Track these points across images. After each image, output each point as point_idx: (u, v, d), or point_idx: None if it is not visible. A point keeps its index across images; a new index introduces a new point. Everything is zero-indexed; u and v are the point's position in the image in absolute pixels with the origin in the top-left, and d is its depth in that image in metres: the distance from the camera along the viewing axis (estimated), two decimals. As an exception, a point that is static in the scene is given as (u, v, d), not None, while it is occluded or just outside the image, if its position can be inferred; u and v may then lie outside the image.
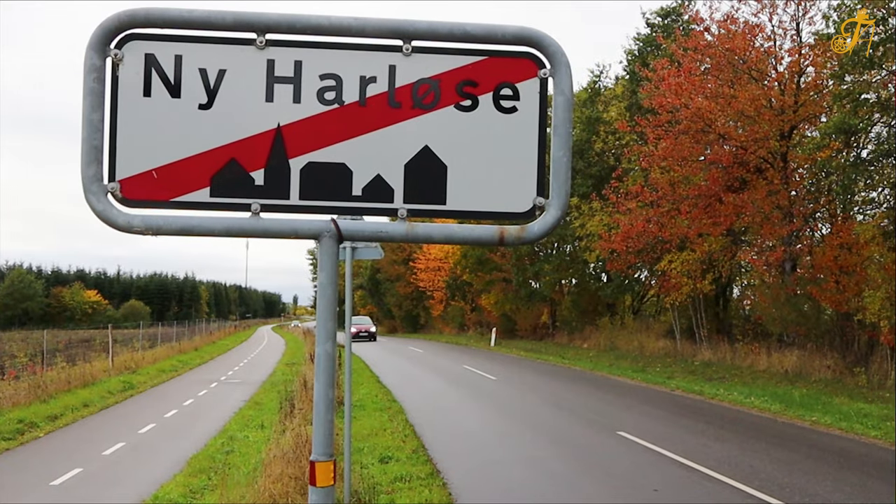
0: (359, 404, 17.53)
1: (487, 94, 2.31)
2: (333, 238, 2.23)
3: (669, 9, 32.44)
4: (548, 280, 42.75)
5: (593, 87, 38.98)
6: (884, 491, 9.35)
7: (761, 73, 23.61)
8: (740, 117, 23.14)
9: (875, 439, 12.84)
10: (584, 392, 20.31)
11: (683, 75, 23.74)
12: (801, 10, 23.41)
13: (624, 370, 25.99)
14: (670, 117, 24.48)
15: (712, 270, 27.44)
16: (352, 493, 8.55)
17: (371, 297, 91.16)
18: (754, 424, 14.66)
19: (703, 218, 24.87)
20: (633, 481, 10.06)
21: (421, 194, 2.30)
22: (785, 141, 23.66)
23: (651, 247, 27.76)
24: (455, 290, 60.93)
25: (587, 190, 34.43)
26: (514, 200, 2.32)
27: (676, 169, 25.91)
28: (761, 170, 24.11)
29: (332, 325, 2.20)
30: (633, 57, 33.51)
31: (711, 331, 29.97)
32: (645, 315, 40.67)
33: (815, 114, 23.52)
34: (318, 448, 2.19)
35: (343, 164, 2.27)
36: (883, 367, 19.72)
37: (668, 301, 30.01)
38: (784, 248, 23.87)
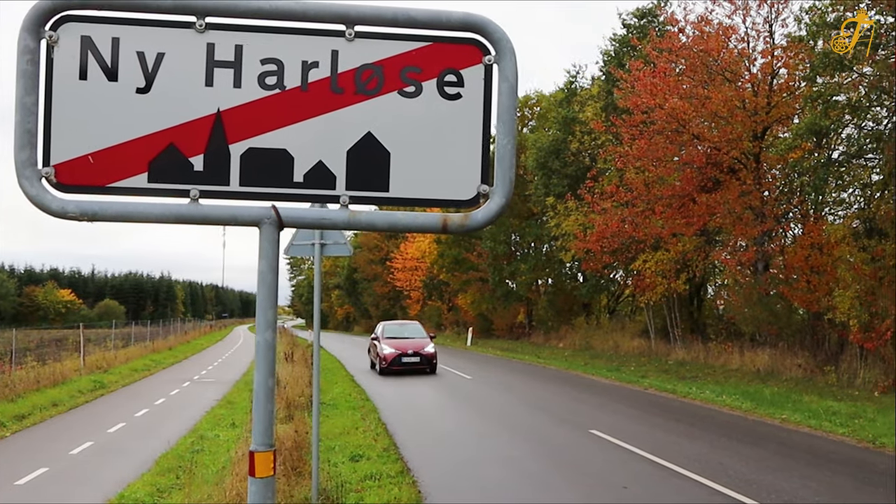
0: (331, 403, 17.47)
1: (431, 81, 2.29)
2: (274, 225, 2.19)
3: (645, 10, 32.59)
4: (524, 280, 42.84)
5: (570, 87, 39.08)
6: (849, 486, 9.44)
7: (735, 74, 23.80)
8: (714, 118, 23.31)
9: (843, 437, 12.95)
10: (559, 391, 20.36)
11: (658, 76, 23.86)
12: (774, 12, 23.62)
13: (598, 369, 26.09)
14: (645, 118, 24.60)
15: (686, 270, 27.61)
16: (320, 492, 8.50)
17: (348, 297, 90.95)
18: (725, 422, 14.76)
19: (677, 218, 25.03)
20: (604, 479, 10.08)
21: (364, 181, 2.27)
22: (758, 142, 23.86)
23: (626, 246, 27.89)
24: (432, 290, 60.92)
25: (563, 190, 34.51)
26: (458, 188, 2.30)
27: (651, 169, 26.05)
28: (734, 170, 24.29)
29: (272, 314, 2.17)
30: (609, 58, 33.65)
31: (685, 330, 30.17)
32: (620, 315, 40.87)
33: (788, 115, 23.73)
34: (258, 438, 2.16)
35: (284, 149, 2.24)
36: (852, 365, 19.94)
37: (643, 301, 30.18)
38: (756, 249, 24.07)
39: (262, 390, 2.16)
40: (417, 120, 2.28)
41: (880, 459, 11.20)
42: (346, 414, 15.85)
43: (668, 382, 21.37)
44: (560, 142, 36.18)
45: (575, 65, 63.04)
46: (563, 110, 37.49)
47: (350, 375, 24.83)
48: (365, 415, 15.69)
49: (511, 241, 45.08)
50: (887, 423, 13.80)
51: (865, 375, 19.02)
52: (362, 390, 20.31)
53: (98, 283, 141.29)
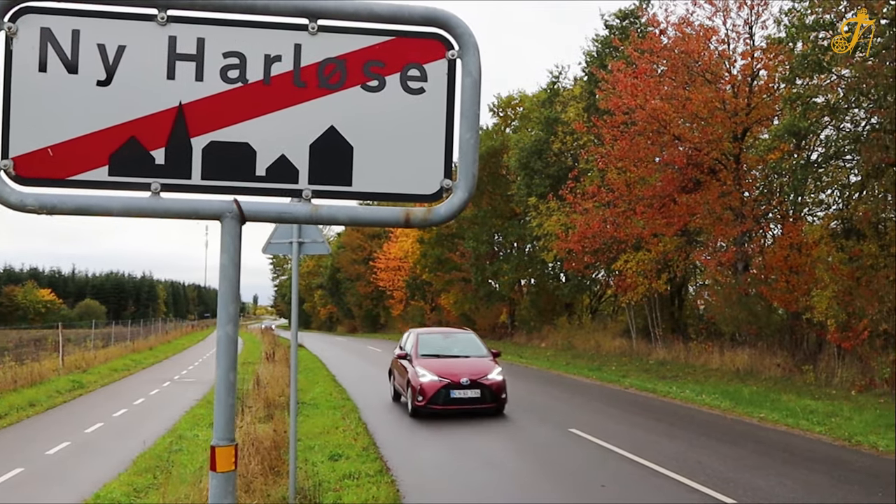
0: (312, 403, 17.43)
1: (395, 75, 2.29)
2: (236, 219, 2.19)
3: (628, 11, 32.73)
4: (506, 280, 42.91)
5: (552, 87, 39.18)
6: (825, 484, 9.52)
7: (715, 75, 23.93)
8: (694, 119, 23.44)
9: (820, 435, 13.06)
10: (539, 390, 20.39)
11: (639, 76, 23.96)
12: (754, 14, 23.79)
13: (580, 369, 26.16)
14: (626, 118, 24.70)
15: (667, 270, 27.74)
16: (297, 491, 8.48)
17: (331, 297, 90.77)
18: (704, 421, 14.85)
19: (658, 218, 25.14)
20: (582, 477, 10.12)
21: (326, 175, 2.26)
22: (738, 143, 24.01)
23: (607, 247, 27.99)
24: (415, 290, 60.88)
25: (545, 190, 34.58)
26: (421, 182, 2.30)
27: (632, 170, 26.15)
28: (715, 171, 24.44)
29: (233, 308, 2.16)
30: (591, 58, 33.75)
31: (667, 330, 30.31)
32: (603, 315, 41.02)
33: (768, 116, 23.90)
34: (219, 432, 2.15)
35: (246, 143, 2.23)
36: (830, 364, 20.10)
37: (624, 301, 30.28)
38: (735, 249, 24.23)
39: (224, 384, 2.15)
40: (380, 114, 2.28)
41: (856, 457, 11.30)
42: (326, 413, 15.81)
43: (648, 382, 21.46)
44: (542, 142, 36.26)
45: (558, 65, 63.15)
46: (545, 111, 37.59)
47: (332, 375, 24.79)
48: (345, 414, 15.66)
49: (494, 241, 45.13)
50: (863, 421, 13.94)
51: (843, 375, 19.18)
52: (343, 390, 20.28)
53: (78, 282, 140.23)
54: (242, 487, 8.35)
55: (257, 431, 11.06)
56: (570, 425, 14.00)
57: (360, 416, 15.38)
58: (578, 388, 20.97)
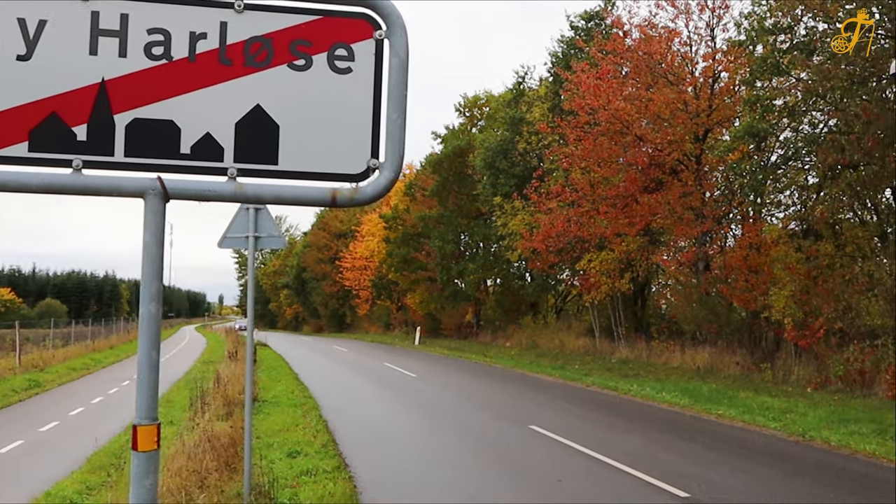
0: (273, 401, 17.32)
1: (322, 54, 2.28)
2: (159, 196, 2.17)
3: (593, 13, 32.96)
4: (472, 279, 42.98)
5: (518, 88, 39.33)
6: (776, 477, 9.67)
7: (678, 77, 24.20)
8: (656, 119, 23.68)
9: (775, 431, 13.26)
10: (502, 388, 20.47)
11: (602, 77, 24.15)
12: (716, 17, 24.09)
13: (543, 367, 26.29)
14: (590, 119, 24.88)
15: (630, 270, 27.99)
16: (252, 487, 8.42)
17: (297, 297, 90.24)
18: (663, 418, 15.01)
19: (621, 218, 25.36)
20: (539, 472, 10.17)
21: (252, 154, 2.25)
22: (699, 144, 24.30)
23: (571, 246, 28.17)
24: (381, 290, 60.76)
25: (510, 189, 34.69)
26: (347, 161, 2.30)
27: (596, 170, 26.34)
28: (677, 171, 24.71)
29: (156, 286, 2.14)
30: (556, 59, 33.94)
31: (629, 329, 30.58)
32: (567, 314, 41.26)
33: (728, 118, 24.22)
34: (142, 411, 2.13)
35: (171, 121, 2.21)
36: (787, 363, 20.44)
37: (588, 300, 30.51)
38: (695, 248, 24.52)
39: (146, 363, 2.13)
40: (307, 93, 2.27)
41: (809, 452, 11.51)
42: (286, 411, 15.71)
43: (610, 380, 21.63)
44: (508, 142, 36.39)
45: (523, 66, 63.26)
46: (511, 111, 37.73)
47: (295, 374, 24.64)
48: (306, 412, 15.57)
49: (460, 241, 45.18)
50: (817, 417, 14.19)
51: (799, 372, 19.51)
52: (305, 388, 20.16)
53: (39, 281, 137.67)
54: (196, 483, 8.27)
55: (215, 429, 10.97)
56: (530, 422, 14.05)
57: (321, 414, 15.30)
58: (541, 386, 21.08)
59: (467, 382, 22.18)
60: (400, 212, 51.47)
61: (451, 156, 43.81)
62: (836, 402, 16.10)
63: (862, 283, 19.23)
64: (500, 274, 43.05)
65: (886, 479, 9.72)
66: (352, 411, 16.19)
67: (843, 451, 11.49)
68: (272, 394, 18.60)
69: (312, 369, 26.89)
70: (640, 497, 8.81)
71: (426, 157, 50.11)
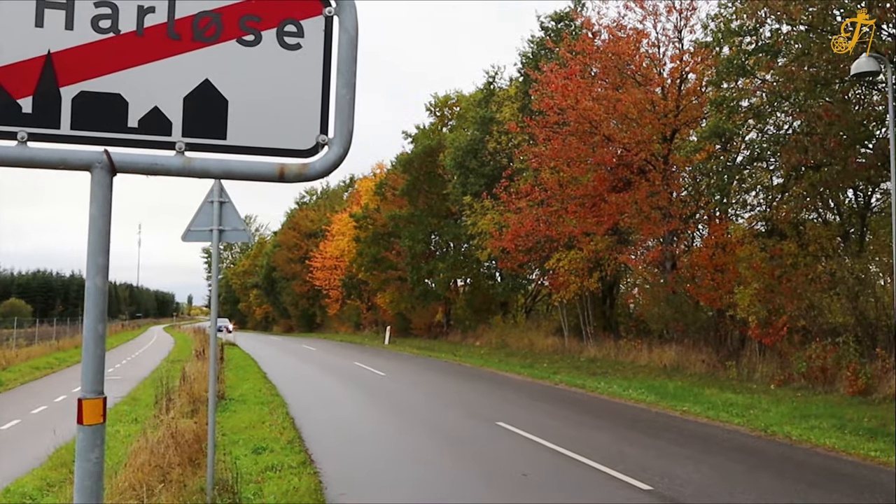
0: (240, 399, 17.22)
1: (271, 30, 2.28)
2: (106, 169, 2.16)
3: (562, 14, 33.15)
4: (442, 279, 43.00)
5: (488, 87, 39.43)
6: (738, 470, 9.81)
7: (646, 77, 24.42)
8: (624, 119, 23.88)
9: (738, 426, 13.44)
10: (471, 387, 20.52)
11: (570, 77, 24.29)
12: (683, 18, 24.35)
13: (512, 366, 26.39)
14: (559, 118, 25.02)
15: (599, 269, 28.18)
16: (216, 482, 8.36)
17: (267, 297, 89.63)
18: (629, 415, 15.15)
19: (589, 217, 25.54)
20: (505, 467, 10.22)
21: (201, 128, 2.25)
22: (667, 144, 24.54)
23: (540, 245, 28.31)
24: (351, 289, 60.59)
25: (479, 189, 34.76)
26: (296, 137, 2.30)
27: (565, 169, 26.50)
28: (644, 171, 24.93)
29: (102, 260, 2.13)
30: (526, 59, 34.09)
31: (598, 328, 30.79)
32: (537, 314, 41.43)
33: (695, 118, 24.50)
34: (87, 385, 2.12)
35: (118, 94, 2.20)
36: (752, 360, 20.70)
37: (556, 299, 30.67)
38: (662, 248, 24.76)
39: (92, 336, 2.12)
40: (256, 69, 2.28)
41: (770, 446, 11.68)
42: (253, 409, 15.62)
43: (578, 378, 21.76)
44: (478, 141, 36.48)
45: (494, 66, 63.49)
46: (481, 110, 37.81)
47: (263, 373, 24.50)
48: (273, 409, 15.50)
49: (430, 240, 45.18)
50: (779, 413, 14.40)
51: (763, 370, 19.78)
52: (273, 386, 20.06)
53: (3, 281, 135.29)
54: (158, 478, 8.20)
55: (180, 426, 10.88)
56: (497, 419, 14.10)
57: (288, 412, 15.24)
58: (510, 384, 21.16)
59: (437, 381, 22.21)
60: (370, 211, 51.37)
61: (421, 155, 43.82)
62: (798, 399, 16.34)
63: (824, 282, 19.55)
64: (470, 273, 43.12)
65: (845, 471, 9.90)
66: (320, 409, 16.15)
67: (803, 446, 11.68)
68: (239, 392, 18.48)
69: (281, 368, 26.76)
70: (604, 490, 8.89)
71: (397, 156, 50.09)
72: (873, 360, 16.82)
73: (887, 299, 17.70)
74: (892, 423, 12.61)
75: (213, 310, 8.49)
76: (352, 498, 8.59)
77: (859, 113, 18.40)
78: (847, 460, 10.62)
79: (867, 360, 16.92)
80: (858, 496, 8.60)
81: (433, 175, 43.31)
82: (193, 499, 7.87)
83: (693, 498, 8.38)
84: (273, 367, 26.74)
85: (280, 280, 79.99)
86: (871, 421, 13.27)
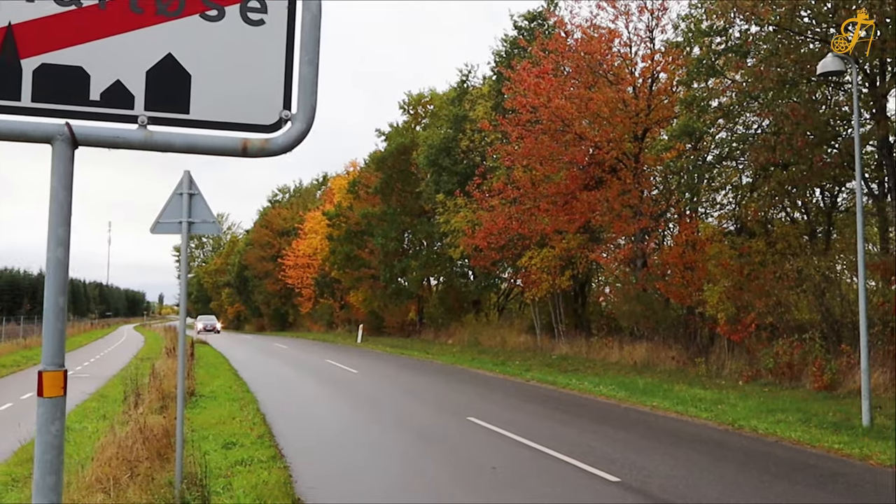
0: (211, 395, 17.11)
1: (234, 6, 2.30)
2: (67, 142, 2.16)
3: (536, 13, 33.28)
4: (415, 277, 42.97)
5: (462, 86, 39.46)
6: (705, 462, 9.93)
7: (618, 77, 24.59)
8: (596, 118, 24.03)
9: (706, 420, 13.60)
10: (443, 383, 20.56)
11: (542, 75, 24.40)
12: (654, 19, 24.54)
13: (485, 364, 26.45)
14: (531, 116, 25.11)
15: (571, 267, 28.32)
16: (185, 476, 8.32)
17: (239, 295, 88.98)
18: (599, 410, 15.27)
19: (561, 215, 25.65)
20: (475, 460, 10.26)
21: (163, 102, 2.26)
22: (638, 143, 24.74)
23: (512, 243, 28.40)
24: (324, 288, 60.34)
25: (452, 187, 34.75)
26: (260, 112, 2.32)
27: (537, 168, 26.60)
28: (616, 170, 25.10)
29: (62, 232, 2.13)
30: (499, 58, 34.17)
31: (570, 326, 30.94)
32: (510, 313, 41.55)
33: (666, 118, 24.71)
34: (48, 358, 2.12)
35: (80, 67, 2.20)
36: (721, 357, 20.94)
37: (529, 297, 30.79)
38: (632, 245, 24.95)
39: (52, 309, 2.12)
40: (219, 44, 2.29)
41: (737, 439, 11.84)
42: (224, 405, 15.54)
43: (550, 375, 21.87)
44: (451, 139, 36.48)
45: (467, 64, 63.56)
46: (454, 108, 37.84)
47: (234, 370, 24.36)
48: (244, 406, 15.42)
49: (403, 239, 45.13)
50: (747, 407, 14.59)
51: (732, 366, 20.01)
52: (244, 383, 19.95)
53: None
54: (126, 472, 8.14)
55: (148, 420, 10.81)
56: (469, 414, 14.15)
57: (259, 408, 15.17)
58: (482, 381, 21.22)
59: (409, 378, 22.21)
60: (343, 209, 51.19)
61: (394, 153, 43.74)
62: (765, 394, 16.57)
63: (791, 280, 19.81)
64: (443, 272, 43.13)
65: (809, 462, 10.07)
66: (291, 405, 16.10)
67: (769, 439, 11.85)
68: (210, 389, 18.36)
69: (252, 366, 26.61)
70: (573, 482, 8.96)
71: (370, 154, 49.94)
72: (838, 356, 17.09)
73: (852, 297, 17.97)
74: (855, 417, 12.82)
75: (182, 303, 8.44)
76: (322, 491, 8.59)
77: (826, 113, 18.68)
78: (811, 452, 10.79)
79: (832, 357, 17.18)
80: (822, 486, 8.75)
81: (406, 173, 43.26)
82: (161, 492, 7.82)
83: (660, 489, 8.48)
84: (244, 365, 26.59)
85: (252, 279, 79.44)
86: (836, 415, 13.48)
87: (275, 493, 8.09)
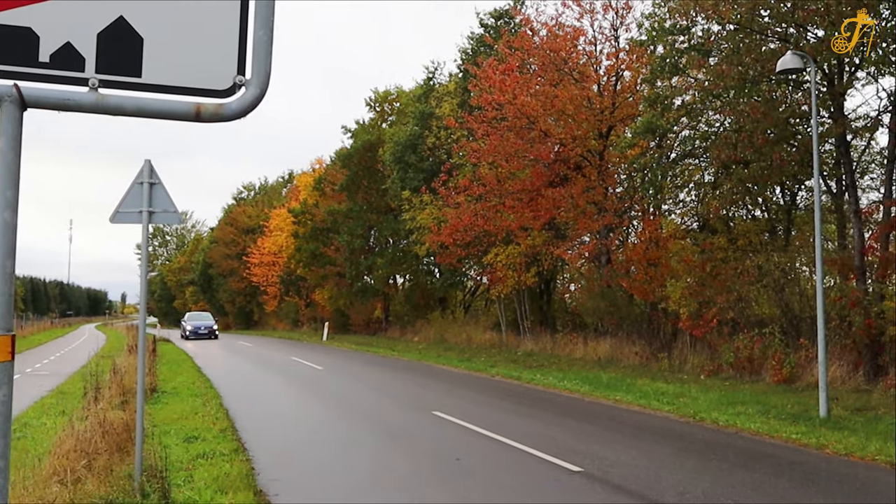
0: (173, 391, 16.95)
1: None
2: (15, 104, 2.12)
3: (502, 11, 33.39)
4: (381, 275, 42.89)
5: (428, 83, 39.45)
6: (666, 453, 10.05)
7: (583, 74, 24.77)
8: (561, 115, 24.18)
9: (668, 413, 13.76)
10: (408, 379, 20.56)
11: (508, 72, 24.50)
12: (619, 17, 24.77)
13: (450, 360, 26.48)
14: (497, 114, 25.20)
15: (536, 264, 28.47)
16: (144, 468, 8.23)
17: (203, 293, 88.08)
18: (562, 404, 15.37)
19: (526, 212, 25.78)
20: (439, 452, 10.29)
21: (115, 65, 2.23)
22: (602, 140, 24.93)
23: (478, 240, 28.47)
24: (289, 286, 59.99)
25: (418, 184, 34.74)
26: (213, 77, 2.30)
27: (503, 165, 26.70)
28: (580, 167, 25.28)
29: (11, 194, 2.09)
30: (466, 55, 34.23)
31: (535, 322, 31.11)
32: (476, 310, 41.64)
33: (631, 115, 24.93)
34: (-5, 322, 2.09)
35: (29, 28, 2.17)
36: (683, 352, 21.19)
37: (494, 293, 30.90)
38: (597, 242, 25.15)
39: (0, 273, 2.09)
40: (173, 7, 2.27)
41: (698, 431, 11.99)
42: (186, 401, 15.39)
43: (515, 370, 21.95)
44: (417, 137, 36.46)
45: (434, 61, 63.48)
46: (420, 106, 37.81)
47: (197, 367, 24.13)
48: (206, 401, 15.28)
49: (369, 236, 45.01)
50: (708, 400, 14.78)
51: (694, 361, 20.26)
52: (207, 379, 19.78)
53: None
54: (84, 464, 8.03)
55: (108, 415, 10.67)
56: (434, 409, 14.16)
57: (222, 403, 15.06)
58: (447, 377, 21.25)
59: (375, 374, 22.18)
60: (309, 206, 50.92)
61: (360, 150, 43.61)
62: (726, 387, 16.79)
63: (752, 276, 20.11)
64: (409, 269, 43.07)
65: (768, 452, 10.23)
66: (254, 401, 16.01)
67: (729, 430, 12.01)
68: (172, 385, 18.19)
69: (216, 363, 26.40)
70: (536, 471, 9.02)
71: (336, 151, 49.70)
72: (797, 350, 17.39)
73: (811, 292, 18.30)
74: (813, 409, 13.06)
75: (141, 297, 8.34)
76: (285, 483, 8.55)
77: (785, 111, 18.97)
78: (770, 443, 10.97)
79: (791, 350, 17.48)
80: (779, 474, 8.90)
81: (372, 170, 43.15)
82: (121, 484, 7.72)
83: (621, 478, 8.56)
84: (208, 362, 26.35)
85: (217, 277, 78.71)
86: (795, 407, 13.72)
87: (236, 485, 8.04)
